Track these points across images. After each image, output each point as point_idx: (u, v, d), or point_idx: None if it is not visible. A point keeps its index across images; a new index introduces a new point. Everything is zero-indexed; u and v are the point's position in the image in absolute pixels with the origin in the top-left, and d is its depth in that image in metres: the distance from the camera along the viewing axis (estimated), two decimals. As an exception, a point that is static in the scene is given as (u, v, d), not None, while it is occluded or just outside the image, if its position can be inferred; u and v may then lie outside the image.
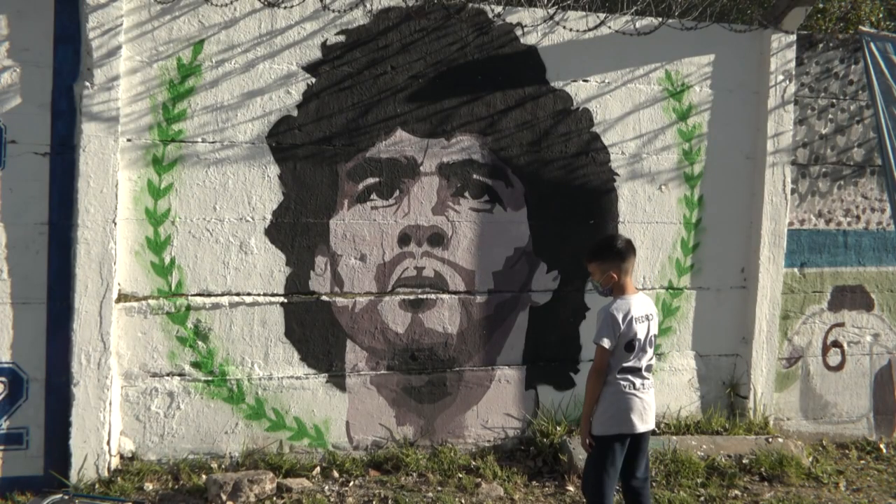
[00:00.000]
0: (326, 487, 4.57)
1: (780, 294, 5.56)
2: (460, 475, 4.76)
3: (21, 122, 4.26)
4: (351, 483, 4.64)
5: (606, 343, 3.66)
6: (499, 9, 5.00)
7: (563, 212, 5.19)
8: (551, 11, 4.99)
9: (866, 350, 5.87)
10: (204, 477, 4.47)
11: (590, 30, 5.07)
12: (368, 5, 4.81)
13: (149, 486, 4.40)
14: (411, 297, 4.96)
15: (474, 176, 5.04)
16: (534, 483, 4.81)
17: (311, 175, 4.78)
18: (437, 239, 4.99)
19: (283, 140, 4.74)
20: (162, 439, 4.60)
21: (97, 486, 4.34)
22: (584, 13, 5.11)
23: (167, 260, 4.57)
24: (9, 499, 4.26)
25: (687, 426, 5.35)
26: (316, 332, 4.82)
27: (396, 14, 4.87)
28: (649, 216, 5.36)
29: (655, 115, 5.35)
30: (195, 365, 4.63)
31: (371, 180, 4.88)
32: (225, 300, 4.67)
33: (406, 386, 4.97)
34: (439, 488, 4.63)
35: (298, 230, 4.77)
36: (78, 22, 4.32)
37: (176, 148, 4.56)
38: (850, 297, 5.82)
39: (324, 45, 4.78)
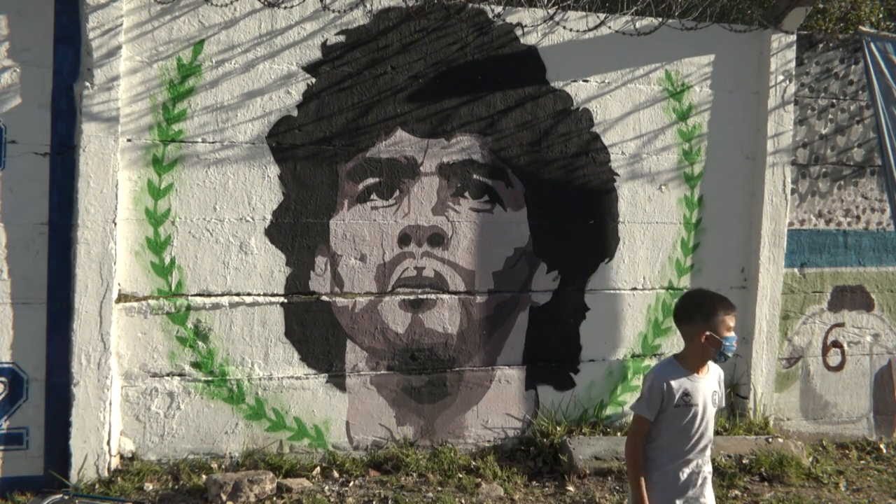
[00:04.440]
0: (326, 487, 4.57)
1: (780, 294, 5.56)
2: (460, 475, 4.76)
3: (21, 122, 4.26)
4: (351, 483, 4.64)
5: None
6: (499, 9, 5.00)
7: (564, 212, 5.19)
8: (551, 11, 4.99)
9: (866, 350, 5.87)
10: (204, 477, 4.47)
11: (590, 30, 5.07)
12: (368, 5, 4.81)
13: (149, 486, 4.40)
14: (411, 297, 4.96)
15: (474, 176, 5.04)
16: (534, 483, 4.81)
17: (311, 175, 4.78)
18: (437, 239, 4.99)
19: (283, 140, 4.74)
20: (162, 439, 4.60)
21: (97, 486, 4.34)
22: (584, 13, 5.11)
23: (167, 260, 4.57)
24: (9, 499, 4.26)
25: (687, 426, 5.34)
26: (316, 332, 4.82)
27: (396, 14, 4.87)
28: (649, 216, 5.36)
29: (655, 115, 5.35)
30: (195, 365, 4.63)
31: (371, 180, 4.88)
32: (225, 300, 4.67)
33: (406, 386, 4.97)
34: (439, 488, 4.63)
35: (298, 230, 4.77)
36: (78, 22, 4.32)
37: (176, 148, 4.56)
38: (850, 298, 5.82)
39: (324, 45, 4.78)
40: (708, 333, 3.08)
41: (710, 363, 3.19)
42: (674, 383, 3.12)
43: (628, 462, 3.22)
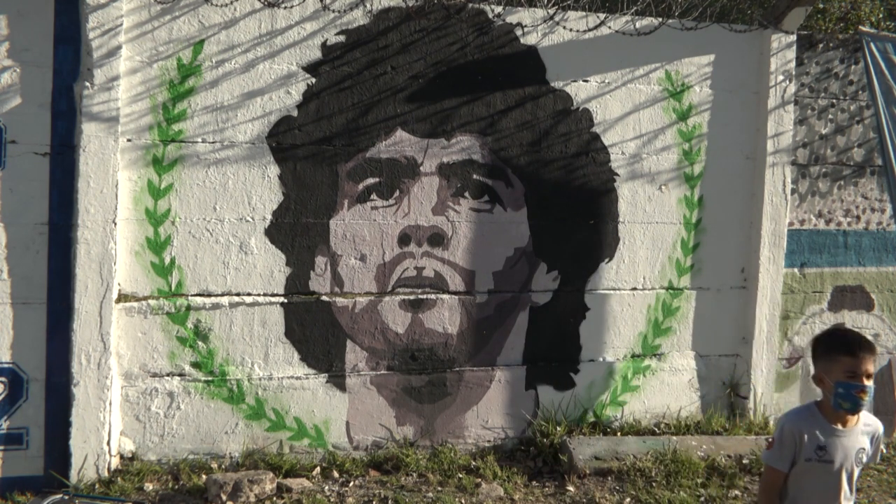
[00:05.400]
0: (326, 487, 4.57)
1: (780, 294, 5.56)
2: (460, 475, 4.76)
3: (21, 122, 4.26)
4: (351, 483, 4.64)
5: None
6: (499, 9, 5.00)
7: (564, 212, 5.19)
8: (551, 11, 4.99)
9: (866, 350, 5.86)
10: (204, 477, 4.47)
11: (590, 30, 5.08)
12: (368, 5, 4.81)
13: (149, 487, 4.40)
14: (411, 297, 4.96)
15: (474, 176, 5.04)
16: (534, 483, 4.81)
17: (311, 175, 4.78)
18: (437, 239, 4.99)
19: (283, 140, 4.74)
20: (162, 439, 4.60)
21: (97, 486, 4.34)
22: (584, 13, 5.11)
23: (167, 260, 4.57)
24: (9, 499, 4.26)
25: (687, 426, 5.35)
26: (316, 332, 4.82)
27: (396, 14, 4.87)
28: (649, 216, 5.36)
29: (655, 115, 5.35)
30: (195, 365, 4.63)
31: (371, 180, 4.88)
32: (225, 300, 4.67)
33: (406, 386, 4.97)
34: (439, 488, 4.63)
35: (298, 230, 4.77)
36: (78, 22, 4.32)
37: (176, 148, 4.56)
38: (850, 298, 5.82)
39: (324, 45, 4.78)
40: (819, 374, 2.79)
41: (863, 413, 2.85)
42: (807, 433, 2.77)
43: None
